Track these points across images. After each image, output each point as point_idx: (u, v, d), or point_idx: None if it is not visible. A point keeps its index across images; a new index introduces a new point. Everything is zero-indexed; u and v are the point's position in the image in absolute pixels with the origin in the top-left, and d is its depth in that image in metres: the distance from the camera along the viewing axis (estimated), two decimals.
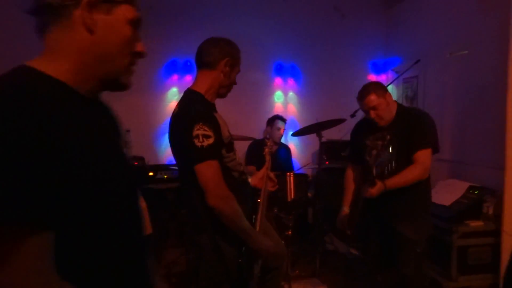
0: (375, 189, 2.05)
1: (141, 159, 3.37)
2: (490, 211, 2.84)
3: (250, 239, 1.65)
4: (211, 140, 1.56)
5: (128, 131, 3.66)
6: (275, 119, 3.91)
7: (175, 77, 4.22)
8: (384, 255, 2.50)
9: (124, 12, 0.83)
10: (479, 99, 3.20)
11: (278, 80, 4.58)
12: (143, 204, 3.12)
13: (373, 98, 2.27)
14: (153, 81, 4.18)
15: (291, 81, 4.62)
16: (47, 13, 0.78)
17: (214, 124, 1.62)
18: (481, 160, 3.11)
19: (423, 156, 2.19)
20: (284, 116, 4.38)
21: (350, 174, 2.59)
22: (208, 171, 1.57)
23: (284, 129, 3.95)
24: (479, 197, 2.85)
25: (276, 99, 4.58)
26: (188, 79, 4.07)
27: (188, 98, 1.74)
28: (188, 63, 4.12)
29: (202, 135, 1.56)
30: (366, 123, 2.43)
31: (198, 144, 1.55)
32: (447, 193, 2.96)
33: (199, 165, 1.56)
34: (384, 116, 2.30)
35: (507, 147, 2.55)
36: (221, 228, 1.63)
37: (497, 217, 2.70)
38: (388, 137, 2.27)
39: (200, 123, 1.57)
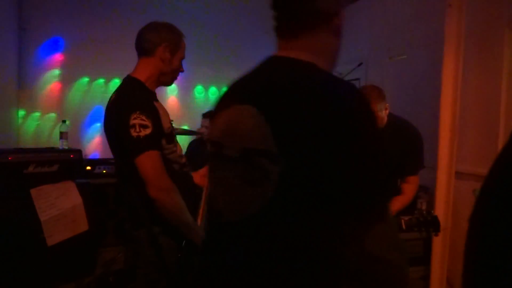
0: None
1: (78, 151, 3.17)
2: (423, 207, 3.00)
3: (192, 233, 1.60)
4: (148, 130, 1.48)
5: (64, 121, 3.46)
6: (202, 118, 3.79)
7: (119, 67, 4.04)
8: None
9: None
10: (415, 102, 3.38)
11: (225, 78, 4.55)
12: (79, 199, 2.98)
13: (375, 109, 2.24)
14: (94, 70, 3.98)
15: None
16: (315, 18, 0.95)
17: (153, 113, 1.54)
18: None
19: (416, 178, 2.32)
20: None
21: None
22: (148, 163, 1.48)
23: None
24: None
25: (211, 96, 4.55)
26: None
27: (127, 86, 1.65)
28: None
29: (139, 125, 1.47)
30: None
31: (134, 134, 1.46)
32: None
33: (138, 156, 1.47)
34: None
35: (440, 147, 2.71)
36: (160, 222, 1.57)
37: (429, 213, 2.86)
38: None
39: (138, 112, 1.48)
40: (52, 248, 2.78)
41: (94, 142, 3.97)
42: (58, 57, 3.84)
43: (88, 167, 3.38)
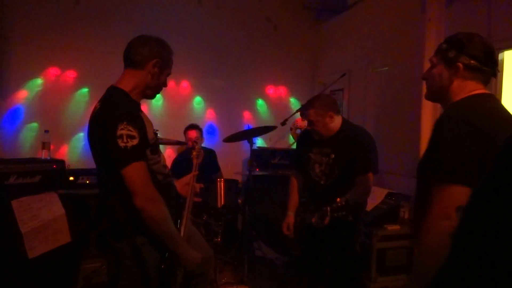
0: (327, 221, 2.11)
1: (61, 162, 3.13)
2: (406, 216, 3.05)
3: (175, 245, 1.59)
4: (135, 141, 1.48)
5: (47, 131, 3.42)
6: (185, 130, 3.87)
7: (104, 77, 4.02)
8: (319, 259, 2.60)
9: None
10: (397, 112, 3.45)
11: (207, 86, 4.56)
12: (61, 210, 2.93)
13: (311, 113, 2.39)
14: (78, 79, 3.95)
15: (223, 88, 4.62)
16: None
17: (139, 124, 1.54)
18: (398, 169, 3.34)
19: (365, 179, 2.32)
20: (216, 122, 4.37)
21: (294, 181, 2.66)
22: (134, 174, 1.48)
23: (197, 135, 3.86)
24: (396, 203, 3.06)
25: (195, 105, 4.55)
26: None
27: (112, 96, 1.64)
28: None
29: (127, 136, 1.46)
30: (310, 133, 2.50)
31: (122, 144, 1.45)
32: (368, 200, 3.13)
33: (125, 167, 1.46)
34: (320, 131, 2.40)
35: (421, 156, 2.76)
36: (143, 233, 1.56)
37: (412, 221, 2.90)
38: (333, 156, 2.38)
39: (125, 123, 1.48)
40: (33, 260, 2.73)
41: (77, 152, 3.92)
42: (40, 66, 3.81)
43: (71, 178, 3.33)
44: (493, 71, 1.34)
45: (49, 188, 2.98)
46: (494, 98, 1.38)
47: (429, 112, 2.75)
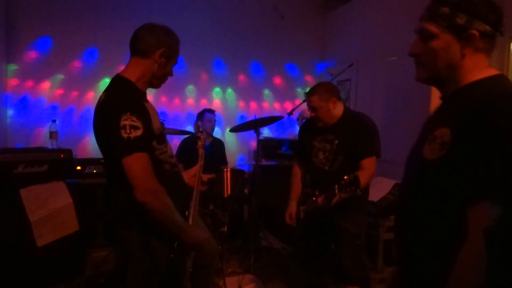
0: (334, 201, 2.09)
1: (69, 151, 3.15)
2: None
3: (183, 233, 1.59)
4: (139, 132, 1.45)
5: (54, 121, 3.43)
6: (204, 112, 3.90)
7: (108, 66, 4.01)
8: (324, 249, 2.62)
9: None
10: (405, 102, 3.42)
11: (217, 76, 4.55)
12: (69, 199, 2.95)
13: (314, 99, 2.38)
14: (83, 69, 3.95)
15: (230, 78, 4.61)
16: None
17: (143, 114, 1.52)
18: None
19: (368, 163, 2.32)
20: (222, 112, 4.36)
21: (297, 171, 2.67)
22: (136, 165, 1.45)
23: (215, 120, 3.94)
24: None
25: (214, 95, 4.55)
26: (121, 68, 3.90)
27: (117, 86, 1.62)
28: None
29: (130, 126, 1.44)
30: (314, 122, 2.50)
31: (125, 135, 1.43)
32: (375, 190, 3.11)
33: (126, 158, 1.44)
34: (323, 118, 2.40)
35: None
36: (151, 224, 1.56)
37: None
38: (336, 142, 2.38)
39: (128, 113, 1.45)
40: (42, 249, 2.76)
41: (85, 142, 3.93)
42: (46, 56, 3.81)
43: (79, 167, 3.35)
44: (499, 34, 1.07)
45: (56, 177, 3.00)
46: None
47: (438, 103, 2.71)
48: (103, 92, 1.64)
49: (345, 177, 2.06)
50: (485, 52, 1.06)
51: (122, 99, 1.52)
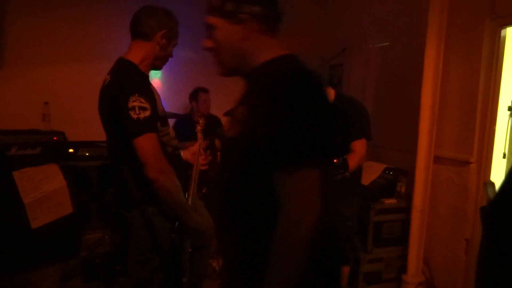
0: None
1: (61, 134, 3.13)
2: (403, 190, 3.12)
3: (186, 214, 1.63)
4: (147, 113, 1.50)
5: (46, 103, 3.39)
6: (198, 92, 3.76)
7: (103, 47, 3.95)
8: None
9: None
10: (397, 88, 3.47)
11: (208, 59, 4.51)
12: (62, 182, 2.96)
13: None
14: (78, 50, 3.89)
15: None
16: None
17: (150, 96, 1.56)
18: (396, 144, 3.39)
19: (359, 145, 2.40)
20: (213, 96, 4.35)
21: None
22: (147, 144, 1.50)
23: (210, 99, 3.82)
24: (394, 177, 3.12)
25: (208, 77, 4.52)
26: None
27: (122, 68, 1.64)
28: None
29: (139, 107, 1.48)
30: None
31: (135, 116, 1.47)
32: (366, 174, 3.18)
33: (138, 138, 1.49)
34: None
35: (420, 133, 2.81)
36: (154, 203, 1.59)
37: (408, 196, 2.98)
38: None
39: (136, 95, 1.49)
40: (36, 230, 2.77)
41: (77, 124, 3.89)
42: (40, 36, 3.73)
43: (71, 150, 3.33)
44: (277, 15, 1.11)
45: (49, 160, 2.99)
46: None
47: (429, 88, 2.76)
48: (108, 74, 1.65)
49: (334, 160, 2.12)
50: (268, 33, 1.10)
51: (129, 81, 1.55)
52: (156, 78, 4.18)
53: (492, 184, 1.35)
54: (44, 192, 2.87)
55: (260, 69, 1.08)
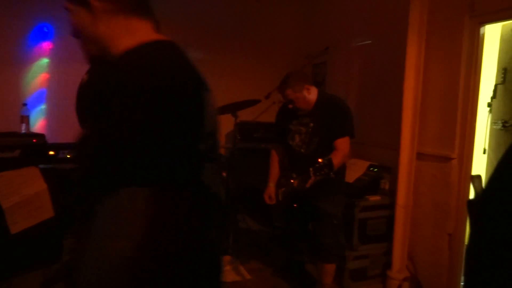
0: (308, 184, 2.18)
1: (41, 136, 3.06)
2: (386, 187, 3.15)
3: None
4: None
5: (25, 104, 3.32)
6: None
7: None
8: (303, 229, 2.75)
9: None
10: (380, 86, 3.50)
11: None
12: (43, 185, 2.89)
13: (289, 93, 2.48)
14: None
15: (207, 61, 4.56)
16: None
17: None
18: (380, 142, 3.42)
19: (343, 143, 2.42)
20: None
21: (274, 154, 2.79)
22: None
23: None
24: (377, 175, 3.15)
25: None
26: None
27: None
28: None
29: None
30: (288, 107, 2.56)
31: None
32: (350, 172, 3.20)
33: None
34: (301, 106, 2.50)
35: (403, 130, 2.83)
36: None
37: (392, 192, 3.01)
38: (311, 124, 2.46)
39: None
40: (16, 236, 2.70)
41: (56, 126, 3.82)
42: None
43: (52, 152, 3.26)
44: None
45: (29, 163, 2.92)
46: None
47: (411, 85, 2.79)
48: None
49: (319, 160, 2.13)
50: (127, 14, 0.99)
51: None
52: None
53: (479, 178, 1.37)
54: (24, 196, 2.80)
55: (120, 59, 0.94)
